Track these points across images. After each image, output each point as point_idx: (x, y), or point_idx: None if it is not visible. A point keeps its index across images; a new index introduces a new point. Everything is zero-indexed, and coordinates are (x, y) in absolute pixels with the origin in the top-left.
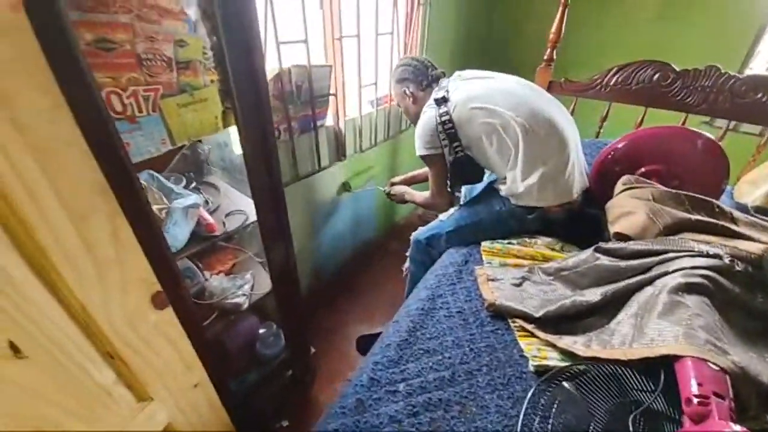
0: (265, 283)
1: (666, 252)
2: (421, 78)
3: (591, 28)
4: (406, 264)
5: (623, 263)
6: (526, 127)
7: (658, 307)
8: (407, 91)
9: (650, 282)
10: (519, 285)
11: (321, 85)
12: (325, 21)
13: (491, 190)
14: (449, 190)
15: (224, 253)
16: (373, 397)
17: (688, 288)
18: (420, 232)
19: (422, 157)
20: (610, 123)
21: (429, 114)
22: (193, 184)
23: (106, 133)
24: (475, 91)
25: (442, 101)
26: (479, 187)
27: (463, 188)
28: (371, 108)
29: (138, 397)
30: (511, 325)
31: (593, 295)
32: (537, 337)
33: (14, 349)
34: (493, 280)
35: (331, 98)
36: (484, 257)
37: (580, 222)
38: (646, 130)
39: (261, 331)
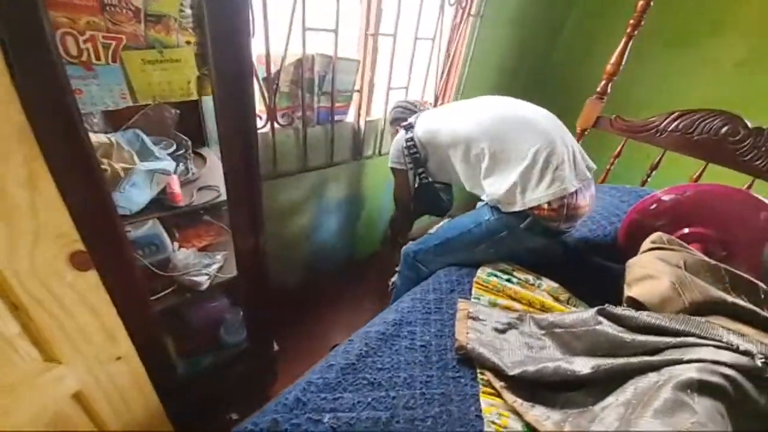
0: (235, 267)
1: (686, 334)
2: (409, 117)
3: (659, 66)
4: (393, 278)
5: (629, 336)
6: (493, 130)
7: (656, 401)
8: (399, 129)
9: (656, 367)
10: (502, 332)
11: (345, 78)
12: (362, 15)
13: (485, 204)
14: (412, 208)
15: (206, 228)
16: (292, 421)
17: (701, 387)
18: (408, 246)
19: (390, 168)
20: (661, 173)
21: (399, 135)
22: (182, 152)
23: (52, 74)
24: (438, 113)
25: (409, 127)
26: None
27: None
28: None
29: (45, 356)
30: (479, 376)
31: (583, 365)
32: (504, 400)
33: None
34: (474, 318)
35: (355, 95)
36: (474, 290)
37: (596, 276)
38: (703, 186)
39: (227, 315)
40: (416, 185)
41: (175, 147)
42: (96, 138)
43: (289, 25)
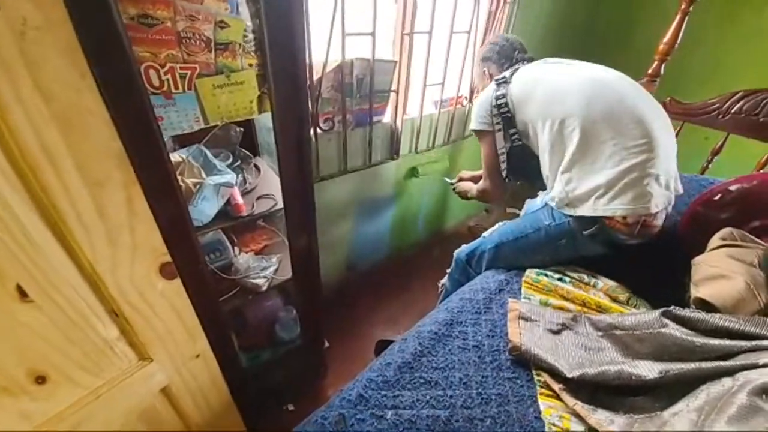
0: (289, 269)
1: (761, 337)
2: (503, 60)
3: (713, 42)
4: (443, 280)
5: (699, 340)
6: (597, 118)
7: (731, 408)
8: (487, 72)
9: (730, 372)
10: (556, 333)
11: (383, 80)
12: (398, 15)
13: (545, 205)
14: (505, 177)
15: (260, 233)
16: (357, 416)
17: None
18: (461, 250)
19: (474, 131)
20: (723, 158)
21: (488, 89)
22: (238, 163)
23: (140, 105)
24: (545, 75)
25: (503, 81)
26: (538, 203)
27: (526, 204)
28: (434, 109)
29: (139, 356)
30: (535, 377)
31: (649, 370)
32: (563, 402)
33: (21, 292)
34: (525, 319)
35: (392, 95)
36: (523, 290)
37: (656, 273)
38: None
39: (282, 313)
40: (507, 150)
41: (231, 159)
42: (172, 157)
43: (330, 32)
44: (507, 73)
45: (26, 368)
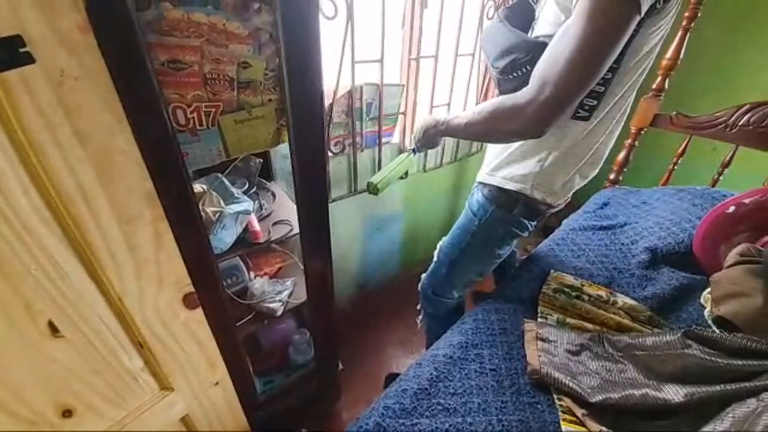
0: (302, 291)
1: None
2: None
3: (718, 55)
4: (420, 316)
5: (723, 360)
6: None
7: (756, 428)
8: None
9: (755, 393)
10: (576, 354)
11: (391, 103)
12: (404, 40)
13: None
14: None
15: (273, 256)
16: None
17: None
18: (423, 280)
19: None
20: (734, 171)
21: None
22: (254, 189)
23: (168, 144)
24: None
25: None
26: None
27: None
28: None
29: (161, 385)
30: (556, 402)
31: (674, 393)
32: (587, 428)
33: (53, 328)
34: (543, 340)
35: (400, 116)
36: (540, 307)
37: (670, 290)
38: None
39: (295, 336)
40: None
41: (247, 185)
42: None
43: (340, 61)
44: None
45: (54, 402)
